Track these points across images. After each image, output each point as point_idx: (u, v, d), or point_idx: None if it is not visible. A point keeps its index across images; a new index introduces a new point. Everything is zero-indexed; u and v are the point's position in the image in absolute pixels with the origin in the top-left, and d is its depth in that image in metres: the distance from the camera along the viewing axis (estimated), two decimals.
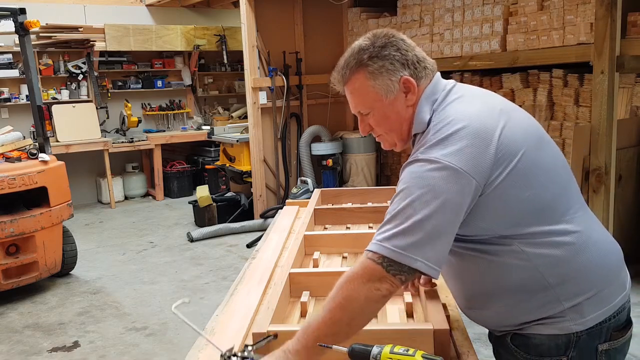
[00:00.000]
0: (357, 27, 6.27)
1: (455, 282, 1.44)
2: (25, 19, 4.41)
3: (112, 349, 3.53)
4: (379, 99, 1.33)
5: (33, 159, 4.36)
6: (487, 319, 1.41)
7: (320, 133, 6.26)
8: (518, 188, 1.23)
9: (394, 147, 1.43)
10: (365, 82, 1.33)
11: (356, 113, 1.41)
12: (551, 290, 1.27)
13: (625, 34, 3.69)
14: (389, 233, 1.19)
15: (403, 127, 1.36)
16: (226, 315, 1.61)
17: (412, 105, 1.34)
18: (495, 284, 1.32)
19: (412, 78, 1.32)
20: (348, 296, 1.20)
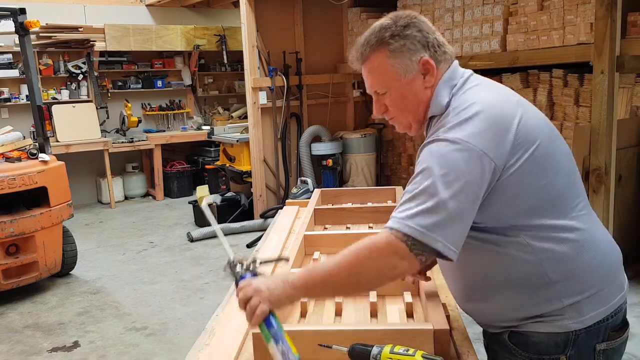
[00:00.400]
0: (357, 27, 6.27)
1: (456, 273, 1.42)
2: (25, 19, 4.41)
3: (112, 349, 3.53)
4: (397, 78, 1.32)
5: (33, 159, 4.36)
6: (485, 312, 1.40)
7: (320, 133, 6.26)
8: (534, 176, 1.24)
9: (408, 129, 1.41)
10: (385, 60, 1.32)
11: (372, 93, 1.40)
12: (552, 287, 1.27)
13: (625, 34, 3.69)
14: (412, 211, 1.17)
15: (420, 108, 1.35)
16: (226, 315, 1.61)
17: (430, 87, 1.33)
18: (498, 277, 1.31)
19: (431, 60, 1.32)
20: (363, 263, 1.20)
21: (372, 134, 6.41)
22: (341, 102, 6.79)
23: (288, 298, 1.26)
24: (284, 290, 1.25)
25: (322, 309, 1.61)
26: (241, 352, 1.41)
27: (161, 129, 7.99)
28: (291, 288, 1.24)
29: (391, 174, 6.54)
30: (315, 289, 1.26)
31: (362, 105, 6.91)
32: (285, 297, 1.25)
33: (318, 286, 1.25)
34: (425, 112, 1.35)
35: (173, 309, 4.11)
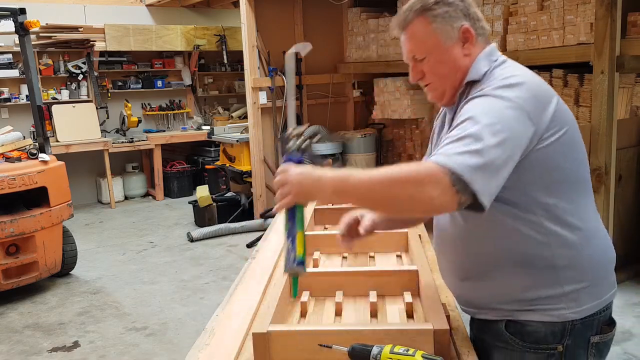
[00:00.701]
0: (357, 27, 6.27)
1: (457, 247, 1.41)
2: (25, 19, 4.41)
3: (112, 349, 3.53)
4: (437, 43, 1.35)
5: (33, 159, 4.36)
6: (482, 294, 1.39)
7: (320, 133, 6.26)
8: (561, 156, 1.28)
9: (441, 98, 1.42)
10: (427, 25, 1.35)
11: (409, 59, 1.41)
12: (556, 272, 1.30)
13: (625, 34, 3.69)
14: (459, 150, 1.16)
15: (457, 75, 1.37)
16: (226, 315, 1.61)
17: (468, 55, 1.37)
18: (504, 253, 1.32)
19: (472, 29, 1.36)
20: (402, 186, 1.16)
21: (372, 134, 6.41)
22: (341, 102, 6.79)
23: (318, 195, 1.25)
24: (316, 186, 1.23)
25: (322, 309, 1.61)
26: (241, 352, 1.41)
27: (161, 129, 7.99)
28: (324, 186, 1.22)
29: None
30: (346, 194, 1.22)
31: (362, 105, 6.91)
32: (316, 193, 1.24)
33: (350, 192, 1.21)
34: (462, 79, 1.37)
35: (173, 309, 4.11)
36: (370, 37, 6.06)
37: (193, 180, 7.89)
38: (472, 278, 1.40)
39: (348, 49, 6.49)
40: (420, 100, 5.73)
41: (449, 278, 1.49)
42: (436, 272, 1.86)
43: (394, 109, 5.87)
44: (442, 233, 1.45)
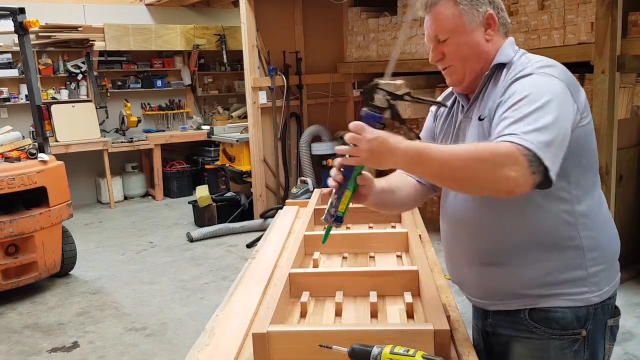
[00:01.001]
0: (357, 27, 6.27)
1: (478, 232, 1.40)
2: (25, 18, 4.40)
3: (111, 349, 3.53)
4: (461, 25, 1.37)
5: (32, 159, 4.36)
6: (506, 278, 1.37)
7: (320, 133, 6.26)
8: (590, 139, 1.35)
9: (460, 82, 1.43)
10: (453, 7, 1.37)
11: (431, 40, 1.43)
12: (581, 252, 1.33)
13: (626, 33, 3.69)
14: (528, 128, 1.15)
15: (479, 58, 1.40)
16: (226, 315, 1.60)
17: (489, 41, 1.39)
18: (533, 234, 1.33)
19: (495, 16, 1.39)
20: (479, 164, 1.14)
21: None
22: (341, 102, 6.79)
23: (388, 164, 1.20)
24: (387, 156, 1.18)
25: (322, 309, 1.61)
26: (241, 352, 1.40)
27: (161, 129, 7.98)
28: (396, 158, 1.18)
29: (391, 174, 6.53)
30: (421, 167, 1.19)
31: (362, 105, 6.90)
32: (386, 162, 1.19)
33: (425, 165, 1.18)
34: (483, 63, 1.40)
35: (173, 309, 4.11)
36: (370, 37, 6.06)
37: (193, 180, 7.89)
38: (495, 264, 1.38)
39: (348, 49, 6.48)
40: None
41: (464, 268, 1.47)
42: (436, 272, 1.85)
43: None
44: (456, 219, 1.44)
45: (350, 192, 1.32)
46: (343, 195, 1.32)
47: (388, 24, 5.79)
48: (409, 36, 5.54)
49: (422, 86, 5.76)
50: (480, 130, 1.36)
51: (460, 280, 1.53)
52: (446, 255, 1.56)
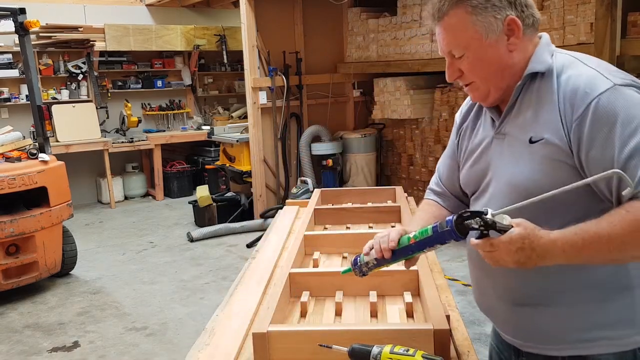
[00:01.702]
0: (357, 27, 6.27)
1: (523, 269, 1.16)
2: (25, 18, 4.41)
3: (112, 349, 3.53)
4: (477, 38, 1.18)
5: (33, 159, 4.36)
6: (543, 320, 1.23)
7: (320, 133, 6.26)
8: None
9: (485, 98, 1.25)
10: (466, 17, 1.17)
11: (446, 54, 1.24)
12: (631, 292, 1.17)
13: (626, 33, 3.69)
14: None
15: (504, 73, 1.21)
16: (226, 315, 1.61)
17: (515, 50, 1.19)
18: (575, 273, 1.17)
19: (518, 20, 1.17)
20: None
21: (372, 134, 6.41)
22: (341, 102, 6.79)
23: (545, 264, 1.07)
24: (540, 262, 1.06)
25: (322, 309, 1.61)
26: (241, 352, 1.41)
27: (161, 129, 7.99)
28: (553, 260, 1.06)
29: (391, 174, 6.54)
30: (583, 257, 1.06)
31: (362, 105, 6.91)
32: (540, 264, 1.06)
33: (586, 257, 1.06)
34: (509, 77, 1.21)
35: (173, 309, 4.11)
36: (370, 37, 6.06)
37: (193, 180, 7.89)
38: (531, 304, 1.23)
39: (348, 49, 6.49)
40: (420, 100, 5.73)
41: (494, 301, 1.32)
42: (436, 272, 1.86)
43: (394, 109, 5.87)
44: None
45: (388, 265, 1.28)
46: (381, 266, 1.29)
47: (388, 24, 5.79)
48: (409, 36, 5.54)
49: (422, 86, 5.76)
50: (530, 156, 1.18)
51: (488, 312, 1.38)
52: (473, 282, 1.40)
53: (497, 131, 1.27)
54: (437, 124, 5.73)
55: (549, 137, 1.14)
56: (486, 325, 3.47)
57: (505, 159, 1.24)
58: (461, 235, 1.07)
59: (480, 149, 1.31)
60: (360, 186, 6.07)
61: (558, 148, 1.14)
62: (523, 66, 1.21)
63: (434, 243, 1.14)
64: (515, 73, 1.21)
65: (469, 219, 1.06)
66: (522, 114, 1.22)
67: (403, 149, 6.30)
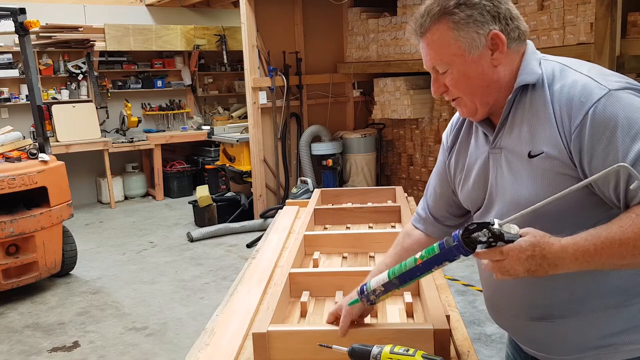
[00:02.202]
0: (357, 27, 6.27)
1: (534, 282, 1.17)
2: (25, 18, 4.41)
3: (112, 349, 3.53)
4: (460, 54, 1.16)
5: (33, 159, 4.36)
6: (561, 334, 1.21)
7: (320, 133, 6.26)
8: None
9: (473, 114, 1.24)
10: (447, 32, 1.16)
11: (430, 69, 1.23)
12: None
13: (626, 33, 3.69)
14: None
15: (490, 89, 1.19)
16: (226, 315, 1.61)
17: (499, 65, 1.17)
18: (595, 282, 1.16)
19: (502, 34, 1.15)
20: None
21: (372, 134, 6.41)
22: (341, 102, 6.79)
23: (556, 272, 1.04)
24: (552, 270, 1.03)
25: (322, 309, 1.61)
26: (241, 352, 1.41)
27: (161, 129, 7.99)
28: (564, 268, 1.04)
29: (391, 174, 6.54)
30: (594, 263, 1.04)
31: (362, 105, 6.91)
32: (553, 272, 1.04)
33: (598, 262, 1.04)
34: (497, 92, 1.19)
35: (173, 309, 4.11)
36: (370, 37, 6.06)
37: (193, 180, 7.89)
38: (548, 318, 1.21)
39: (348, 49, 6.49)
40: (420, 100, 5.73)
41: (511, 319, 1.30)
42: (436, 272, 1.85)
43: (394, 109, 5.87)
44: None
45: (398, 290, 1.25)
46: (390, 291, 1.26)
47: (388, 24, 5.79)
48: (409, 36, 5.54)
49: (422, 86, 5.76)
50: (531, 171, 1.15)
51: (505, 327, 1.36)
52: (486, 296, 1.37)
53: (492, 146, 1.25)
54: (437, 124, 5.73)
55: (548, 151, 1.13)
56: (486, 325, 3.47)
57: (505, 175, 1.22)
58: (469, 250, 1.04)
59: (478, 165, 1.29)
60: (360, 186, 6.07)
61: (558, 161, 1.12)
62: (510, 79, 1.19)
63: (442, 261, 1.11)
64: (502, 87, 1.19)
65: (475, 231, 1.03)
66: (516, 127, 1.19)
67: (403, 149, 6.31)
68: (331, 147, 6.16)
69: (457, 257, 1.08)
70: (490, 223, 1.03)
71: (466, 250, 1.05)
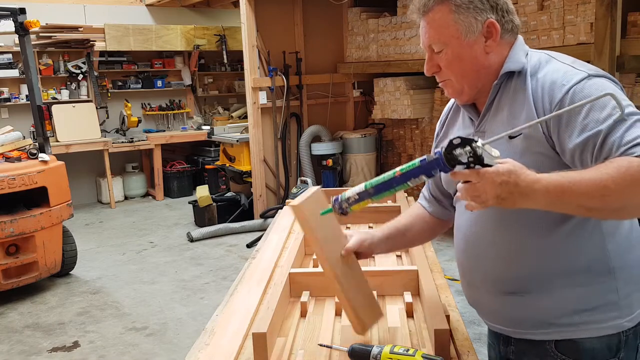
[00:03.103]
0: (357, 27, 6.27)
1: (504, 257, 1.27)
2: (25, 18, 4.41)
3: (112, 349, 3.53)
4: (457, 37, 1.23)
5: (33, 159, 4.36)
6: (531, 308, 1.27)
7: (320, 133, 6.26)
8: None
9: (459, 94, 1.31)
10: (448, 14, 1.23)
11: (426, 48, 1.30)
12: (612, 276, 1.22)
13: (626, 33, 3.69)
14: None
15: (479, 73, 1.27)
16: (226, 315, 1.61)
17: (491, 52, 1.25)
18: (560, 259, 1.22)
19: (497, 24, 1.24)
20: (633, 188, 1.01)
21: (372, 134, 6.41)
22: (341, 102, 6.79)
23: (526, 204, 1.05)
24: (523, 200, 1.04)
25: (322, 309, 1.61)
26: (241, 352, 1.41)
27: (161, 129, 7.99)
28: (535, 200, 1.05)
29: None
30: (565, 203, 1.05)
31: (362, 105, 6.91)
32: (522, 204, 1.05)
33: (571, 199, 1.04)
34: (485, 77, 1.27)
35: (173, 309, 4.11)
36: (370, 37, 6.06)
37: (193, 180, 7.89)
38: (519, 293, 1.27)
39: (348, 49, 6.49)
40: (420, 100, 5.73)
41: (483, 294, 1.36)
42: (436, 272, 1.86)
43: (394, 109, 5.87)
44: (474, 240, 1.32)
45: (372, 201, 1.24)
46: (364, 201, 1.24)
47: (388, 24, 5.79)
48: (409, 36, 5.54)
49: (422, 86, 5.76)
50: (511, 150, 1.20)
51: (477, 304, 1.42)
52: (461, 274, 1.43)
53: (476, 129, 1.32)
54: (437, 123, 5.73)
55: (526, 132, 1.18)
56: (486, 325, 3.46)
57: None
58: (448, 166, 1.06)
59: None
60: None
61: (536, 140, 1.18)
62: (498, 67, 1.27)
63: (420, 174, 1.11)
64: (490, 73, 1.27)
65: (458, 147, 1.05)
66: (500, 112, 1.26)
67: (403, 149, 6.30)
68: (331, 147, 6.16)
69: (436, 173, 1.10)
70: (474, 140, 1.05)
71: (445, 166, 1.07)
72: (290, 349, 1.38)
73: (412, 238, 1.58)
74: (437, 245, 4.81)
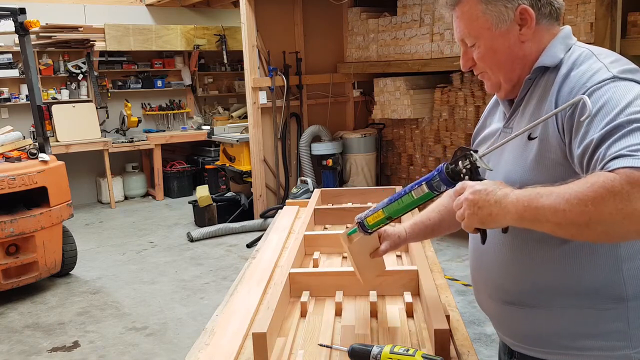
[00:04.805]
0: (357, 27, 6.27)
1: (506, 265, 1.21)
2: (25, 18, 4.41)
3: (112, 349, 3.53)
4: (487, 28, 1.17)
5: (33, 159, 4.36)
6: (529, 321, 1.21)
7: (320, 133, 6.26)
8: None
9: (497, 89, 1.25)
10: (476, 5, 1.17)
11: (460, 42, 1.24)
12: (624, 304, 1.12)
13: (626, 33, 3.70)
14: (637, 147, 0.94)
15: (514, 65, 1.19)
16: (226, 315, 1.61)
17: (527, 41, 1.17)
18: (565, 277, 1.14)
19: (531, 9, 1.15)
20: (603, 202, 0.91)
21: (372, 134, 6.41)
22: (341, 102, 6.79)
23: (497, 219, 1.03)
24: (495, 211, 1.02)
25: (322, 309, 1.61)
26: (241, 352, 1.41)
27: (161, 129, 7.99)
28: (505, 211, 1.01)
29: (391, 174, 6.54)
30: (537, 221, 1.00)
31: (362, 105, 6.91)
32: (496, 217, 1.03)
33: (541, 218, 0.98)
34: (521, 69, 1.19)
35: (173, 309, 4.11)
36: (370, 37, 6.06)
37: (193, 180, 7.89)
38: (517, 304, 1.22)
39: (348, 49, 6.49)
40: (420, 100, 5.73)
41: (487, 299, 1.32)
42: (436, 272, 1.86)
43: (394, 109, 5.87)
44: (481, 248, 1.25)
45: (384, 215, 1.26)
46: (375, 212, 1.27)
47: (388, 24, 5.80)
48: (409, 36, 5.54)
49: (422, 86, 5.76)
50: (526, 152, 1.15)
51: (483, 309, 1.38)
52: (471, 277, 1.41)
53: (505, 125, 1.27)
54: (437, 124, 5.73)
55: (541, 135, 1.12)
56: (486, 325, 3.47)
57: (505, 155, 1.22)
58: (452, 181, 1.09)
59: (489, 142, 1.31)
60: (360, 186, 6.07)
61: (550, 145, 1.11)
62: (536, 58, 1.18)
63: (422, 182, 1.17)
64: (526, 65, 1.19)
65: (460, 159, 1.09)
66: (528, 109, 1.19)
67: (403, 149, 6.31)
68: (331, 147, 6.16)
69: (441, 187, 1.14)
70: (473, 151, 1.08)
71: (448, 181, 1.11)
72: (290, 349, 1.38)
73: (441, 231, 1.56)
74: (437, 245, 4.81)
